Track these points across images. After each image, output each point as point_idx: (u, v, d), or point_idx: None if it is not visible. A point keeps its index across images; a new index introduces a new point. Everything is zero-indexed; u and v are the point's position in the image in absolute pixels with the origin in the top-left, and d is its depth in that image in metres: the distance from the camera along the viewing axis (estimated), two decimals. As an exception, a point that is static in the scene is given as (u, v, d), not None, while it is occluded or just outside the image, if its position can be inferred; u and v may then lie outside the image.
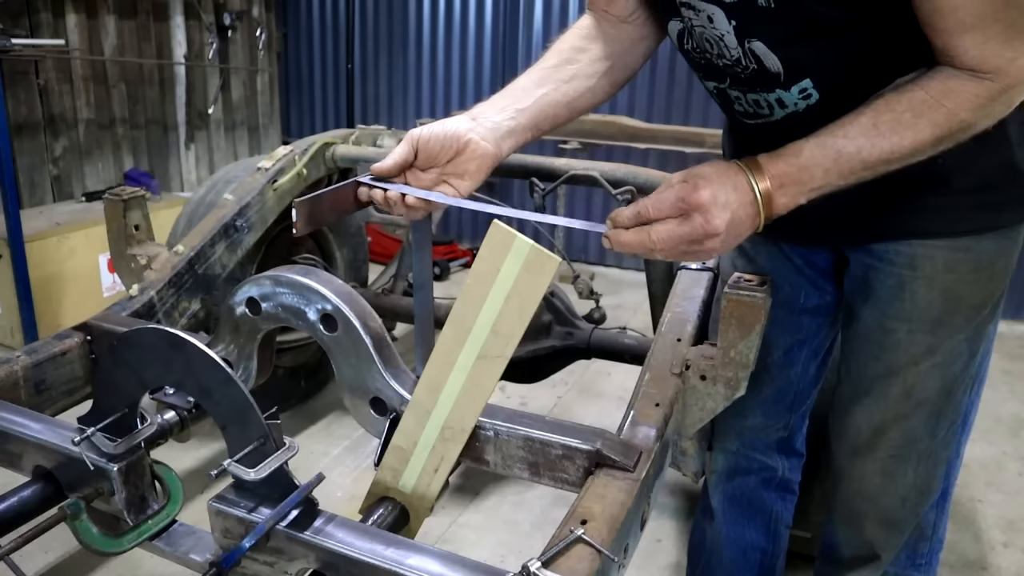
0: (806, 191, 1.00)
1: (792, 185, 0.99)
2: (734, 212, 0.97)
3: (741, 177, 0.99)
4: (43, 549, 2.14)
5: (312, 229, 1.17)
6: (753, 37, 1.03)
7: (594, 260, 5.02)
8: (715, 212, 0.96)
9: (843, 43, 1.01)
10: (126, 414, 1.09)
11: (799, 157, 0.99)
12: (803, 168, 0.98)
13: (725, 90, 1.16)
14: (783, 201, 1.00)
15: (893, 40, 1.00)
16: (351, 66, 5.32)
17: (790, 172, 0.99)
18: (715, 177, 0.98)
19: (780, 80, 1.06)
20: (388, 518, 1.13)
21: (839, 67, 1.03)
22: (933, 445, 1.32)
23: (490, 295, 1.02)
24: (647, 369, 1.35)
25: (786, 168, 0.99)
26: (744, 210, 0.98)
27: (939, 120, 0.95)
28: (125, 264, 1.92)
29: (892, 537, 1.43)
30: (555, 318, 2.35)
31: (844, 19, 0.98)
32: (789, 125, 1.11)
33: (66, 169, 4.12)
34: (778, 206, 1.00)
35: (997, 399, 3.26)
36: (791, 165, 0.99)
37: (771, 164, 1.00)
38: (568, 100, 1.22)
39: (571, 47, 1.24)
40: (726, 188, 0.97)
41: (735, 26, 1.03)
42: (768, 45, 1.03)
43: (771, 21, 1.01)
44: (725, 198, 0.97)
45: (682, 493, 2.56)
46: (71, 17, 4.00)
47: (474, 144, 1.13)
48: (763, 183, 0.99)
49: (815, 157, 0.98)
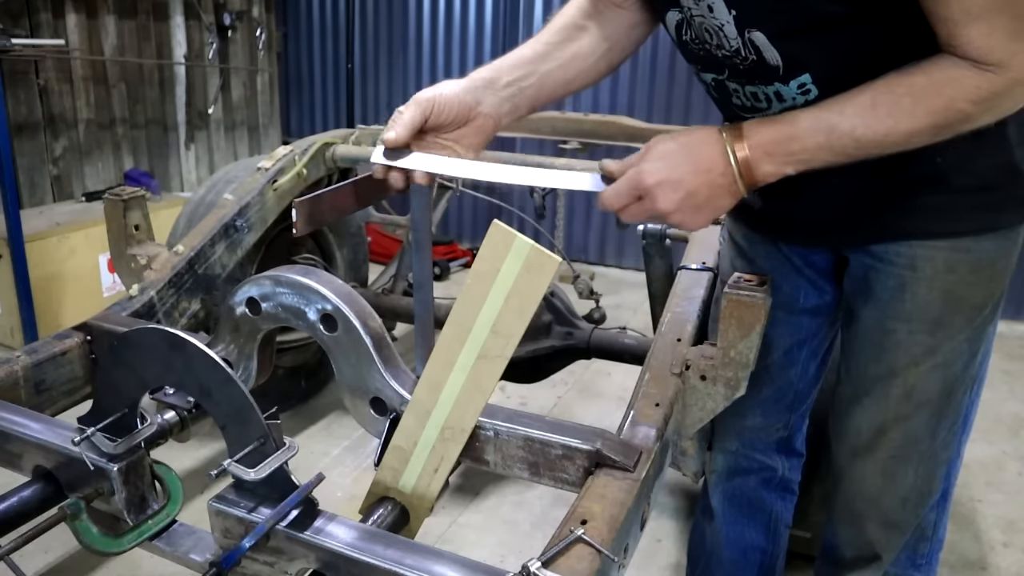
0: (794, 161, 1.01)
1: (780, 154, 1.00)
2: (691, 189, 1.01)
3: (712, 148, 1.01)
4: (43, 549, 2.14)
5: (312, 229, 1.18)
6: (753, 27, 1.03)
7: (594, 260, 5.02)
8: (660, 196, 1.02)
9: (843, 39, 1.01)
10: (126, 414, 1.09)
11: (792, 126, 1.00)
12: (792, 137, 0.99)
13: (723, 82, 1.16)
14: (768, 169, 1.01)
15: (893, 39, 1.00)
16: (351, 66, 5.32)
17: (778, 139, 1.00)
18: (672, 155, 1.02)
19: (779, 74, 1.06)
20: (388, 518, 1.13)
21: (838, 63, 1.03)
22: (934, 446, 1.32)
23: (490, 295, 1.02)
24: (647, 369, 1.35)
25: (774, 135, 1.00)
26: (712, 182, 1.01)
27: (937, 108, 0.95)
28: (125, 264, 1.92)
29: (893, 537, 1.43)
30: (555, 318, 2.35)
31: (845, 14, 0.97)
32: None
33: (66, 169, 4.12)
34: (762, 174, 1.01)
35: (997, 399, 3.26)
36: (780, 132, 1.00)
37: (756, 131, 1.01)
38: (567, 79, 1.23)
39: (573, 25, 1.24)
40: (680, 167, 1.01)
41: (735, 16, 1.03)
42: (768, 37, 1.03)
43: (772, 12, 1.00)
44: (678, 177, 1.01)
45: (682, 493, 2.56)
46: (71, 17, 4.00)
47: (483, 118, 1.15)
48: (742, 151, 1.01)
49: (808, 128, 0.99)
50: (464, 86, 1.17)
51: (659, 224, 1.02)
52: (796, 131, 0.99)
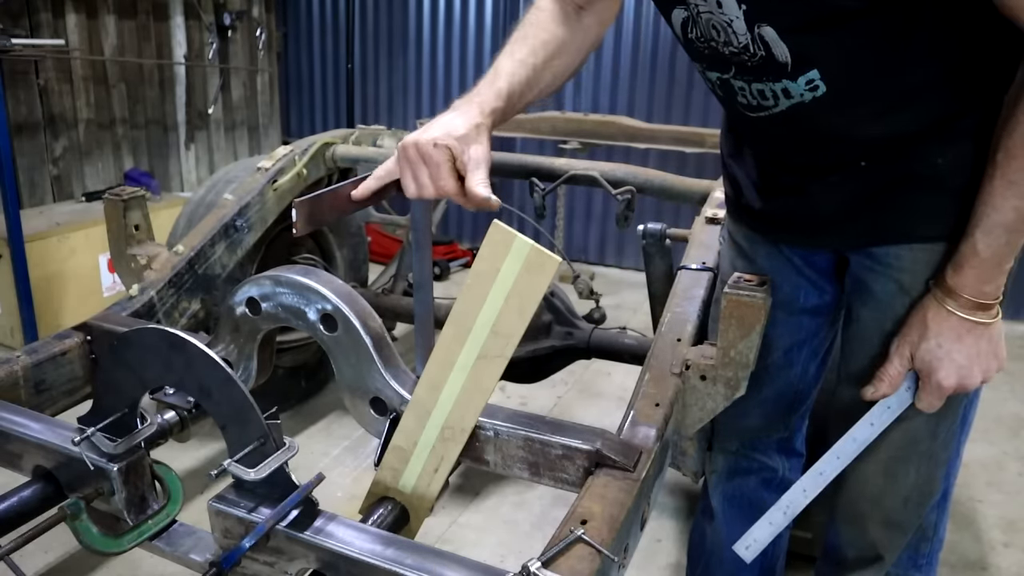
0: (1005, 264, 1.07)
1: (991, 277, 1.07)
2: (970, 355, 1.12)
3: (951, 319, 1.10)
4: (43, 549, 2.14)
5: (312, 229, 1.17)
6: (763, 23, 1.03)
7: (594, 260, 5.02)
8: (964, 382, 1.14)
9: (854, 34, 1.00)
10: (126, 414, 1.09)
11: (974, 251, 1.06)
12: (986, 261, 1.06)
13: (729, 80, 1.15)
14: (990, 288, 1.08)
15: (904, 36, 1.00)
16: (351, 66, 5.33)
17: (983, 272, 1.07)
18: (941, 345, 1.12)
19: (787, 70, 1.06)
20: (388, 518, 1.13)
21: (847, 60, 1.03)
22: (934, 446, 1.32)
23: (490, 295, 1.02)
24: (647, 369, 1.35)
25: (976, 272, 1.07)
26: (972, 341, 1.11)
27: None
28: (125, 264, 1.92)
29: (895, 538, 1.43)
30: (555, 318, 2.35)
31: (857, 8, 0.97)
32: (795, 117, 1.10)
33: (66, 169, 4.12)
34: (991, 293, 1.09)
35: (997, 399, 3.26)
36: (976, 266, 1.06)
37: (959, 280, 1.08)
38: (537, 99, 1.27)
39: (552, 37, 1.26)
40: (950, 351, 1.12)
41: (745, 11, 1.03)
42: (778, 32, 1.03)
43: (783, 6, 1.00)
44: (958, 362, 1.12)
45: (682, 493, 2.56)
46: (71, 17, 4.00)
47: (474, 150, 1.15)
48: (965, 306, 1.09)
49: (989, 244, 1.04)
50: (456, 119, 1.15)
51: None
52: (985, 255, 1.05)
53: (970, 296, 1.09)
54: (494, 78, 1.20)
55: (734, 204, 1.40)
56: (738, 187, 1.35)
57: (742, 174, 1.33)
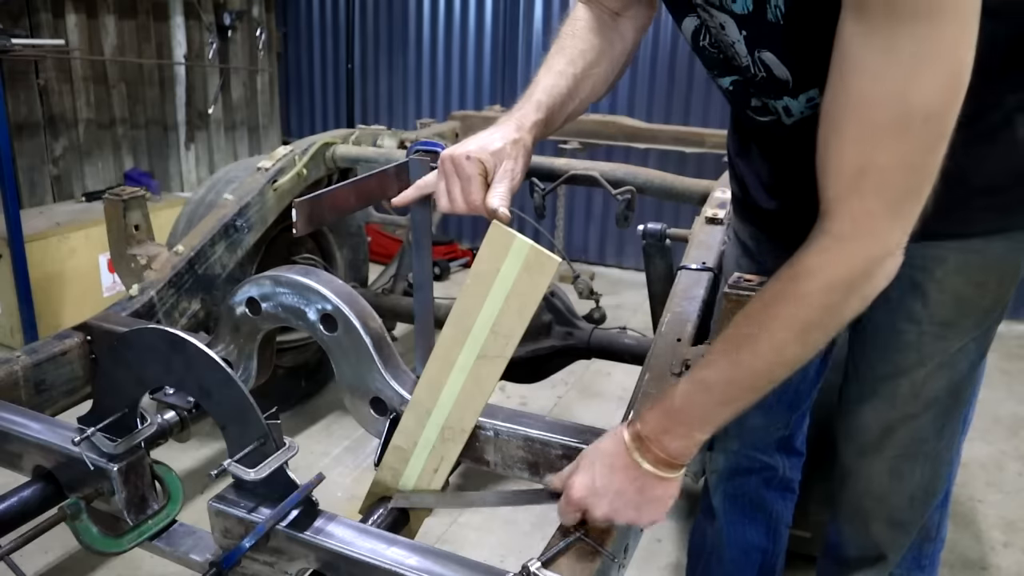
0: (696, 426, 1.01)
1: (676, 426, 1.01)
2: (617, 489, 1.02)
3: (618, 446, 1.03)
4: (43, 549, 2.14)
5: (312, 229, 1.18)
6: (763, 48, 1.03)
7: (594, 260, 5.02)
8: (594, 505, 1.02)
9: None
10: (126, 414, 1.09)
11: (670, 399, 1.02)
12: (674, 410, 1.01)
13: (741, 83, 1.16)
14: (677, 444, 1.01)
15: None
16: (351, 66, 5.33)
17: (662, 417, 1.01)
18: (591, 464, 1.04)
19: (788, 88, 1.07)
20: (388, 518, 1.13)
21: None
22: (939, 445, 1.32)
23: (490, 295, 1.02)
24: (647, 369, 1.35)
25: (658, 415, 1.02)
26: (632, 477, 1.02)
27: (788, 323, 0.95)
28: (125, 264, 1.92)
29: (899, 537, 1.43)
30: (555, 318, 2.35)
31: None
32: (801, 128, 1.11)
33: (66, 169, 4.12)
34: (675, 450, 1.02)
35: (996, 399, 3.26)
36: (662, 409, 1.02)
37: (646, 418, 1.03)
38: (581, 108, 1.25)
39: (589, 46, 1.24)
40: (600, 473, 1.02)
41: (745, 36, 1.04)
42: (778, 56, 1.03)
43: (780, 35, 1.01)
44: (601, 484, 1.02)
45: (682, 493, 2.55)
46: (71, 17, 4.00)
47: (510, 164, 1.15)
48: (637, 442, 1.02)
49: (687, 396, 1.01)
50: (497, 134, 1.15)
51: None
52: (674, 403, 1.01)
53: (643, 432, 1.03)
54: (533, 92, 1.20)
55: (740, 203, 1.39)
56: (745, 186, 1.35)
57: (749, 173, 1.33)
